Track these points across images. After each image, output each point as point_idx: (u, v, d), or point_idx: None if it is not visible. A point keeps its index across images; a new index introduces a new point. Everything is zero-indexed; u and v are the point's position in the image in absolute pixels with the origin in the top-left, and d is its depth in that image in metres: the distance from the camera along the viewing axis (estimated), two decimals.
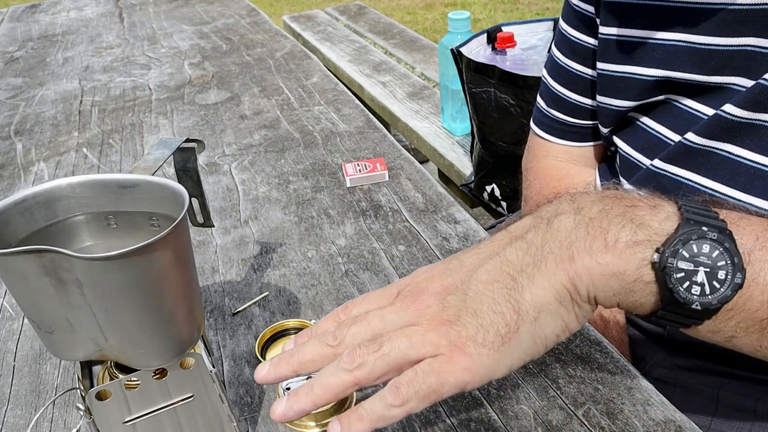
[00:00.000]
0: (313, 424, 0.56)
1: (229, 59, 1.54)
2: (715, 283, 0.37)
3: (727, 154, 0.58)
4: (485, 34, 1.40)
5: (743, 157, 0.57)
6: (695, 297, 0.37)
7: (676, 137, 0.62)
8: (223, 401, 0.51)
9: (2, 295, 0.80)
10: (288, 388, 0.57)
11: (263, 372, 0.43)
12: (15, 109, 1.39)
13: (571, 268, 0.38)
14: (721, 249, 0.37)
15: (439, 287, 0.40)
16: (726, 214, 0.40)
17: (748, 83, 0.55)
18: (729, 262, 0.37)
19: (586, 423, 0.53)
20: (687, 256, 0.37)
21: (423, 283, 0.42)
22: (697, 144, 0.59)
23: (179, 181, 0.60)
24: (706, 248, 0.37)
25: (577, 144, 0.81)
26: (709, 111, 0.59)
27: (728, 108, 0.56)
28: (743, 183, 0.57)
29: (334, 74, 1.51)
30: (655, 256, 0.37)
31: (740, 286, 0.37)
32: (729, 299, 0.37)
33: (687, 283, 0.37)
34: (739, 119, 0.55)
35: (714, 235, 0.37)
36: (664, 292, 0.37)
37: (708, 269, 0.37)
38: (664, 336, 0.70)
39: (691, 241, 0.37)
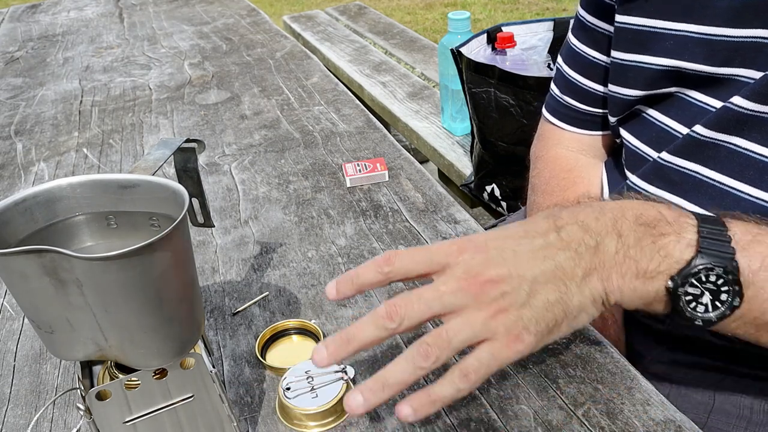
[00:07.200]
0: (313, 424, 0.56)
1: (229, 59, 1.54)
2: (717, 303, 0.45)
3: (735, 147, 0.58)
4: (485, 34, 1.40)
5: (752, 151, 0.56)
6: (698, 314, 0.46)
7: (684, 130, 0.62)
8: (223, 401, 0.51)
9: (2, 295, 0.80)
10: (288, 388, 0.57)
11: (322, 354, 0.45)
12: (15, 109, 1.39)
13: (609, 285, 0.47)
14: (726, 278, 0.44)
15: (495, 275, 0.45)
16: (741, 234, 0.46)
17: (757, 75, 0.55)
18: (730, 289, 0.45)
19: (586, 423, 0.53)
20: (695, 283, 0.45)
21: (478, 267, 0.45)
22: (705, 137, 0.59)
23: (179, 181, 0.60)
24: (713, 277, 0.45)
25: (588, 132, 0.81)
26: (717, 103, 0.59)
27: (737, 100, 0.56)
28: (751, 176, 0.57)
29: (334, 74, 1.51)
30: (670, 283, 0.45)
31: (737, 307, 0.45)
32: (727, 317, 0.46)
33: (693, 304, 0.46)
34: (747, 111, 0.55)
35: (721, 269, 0.44)
36: (674, 309, 0.46)
37: (712, 294, 0.45)
38: (663, 332, 0.70)
39: (700, 273, 0.45)
